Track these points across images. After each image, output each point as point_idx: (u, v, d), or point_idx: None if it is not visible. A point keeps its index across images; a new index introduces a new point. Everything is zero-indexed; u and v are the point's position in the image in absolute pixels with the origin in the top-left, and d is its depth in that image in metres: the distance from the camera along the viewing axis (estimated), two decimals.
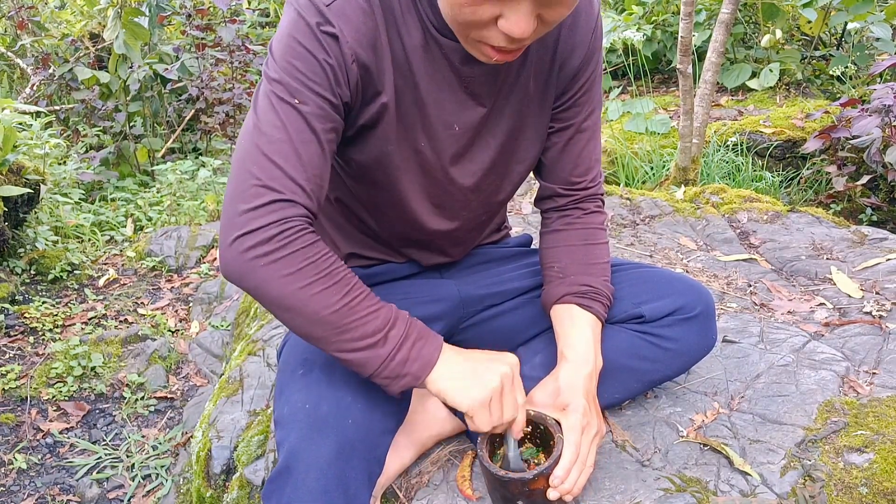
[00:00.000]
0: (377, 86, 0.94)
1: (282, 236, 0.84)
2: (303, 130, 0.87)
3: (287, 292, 0.85)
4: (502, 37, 0.83)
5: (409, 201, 1.07)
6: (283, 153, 0.86)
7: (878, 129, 2.68)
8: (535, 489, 0.96)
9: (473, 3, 0.80)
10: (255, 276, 0.85)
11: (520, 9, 0.80)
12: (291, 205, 0.85)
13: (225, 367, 2.04)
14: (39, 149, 2.94)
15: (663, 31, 4.28)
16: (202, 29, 4.02)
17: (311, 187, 0.87)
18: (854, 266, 1.89)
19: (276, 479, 0.92)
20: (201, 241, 3.13)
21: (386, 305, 0.91)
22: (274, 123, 0.87)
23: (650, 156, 3.40)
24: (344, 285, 0.87)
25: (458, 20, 0.85)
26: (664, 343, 1.15)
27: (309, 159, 0.87)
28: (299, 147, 0.86)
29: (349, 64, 0.89)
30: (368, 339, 0.88)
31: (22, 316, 2.49)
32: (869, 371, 1.36)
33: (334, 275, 0.86)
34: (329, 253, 0.88)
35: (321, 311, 0.85)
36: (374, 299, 0.90)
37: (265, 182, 0.85)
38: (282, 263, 0.84)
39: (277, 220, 0.84)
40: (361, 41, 0.90)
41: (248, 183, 0.85)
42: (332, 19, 0.87)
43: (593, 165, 1.16)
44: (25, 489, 1.84)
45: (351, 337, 0.87)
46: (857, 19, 3.74)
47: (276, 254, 0.84)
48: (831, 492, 1.08)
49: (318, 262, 0.85)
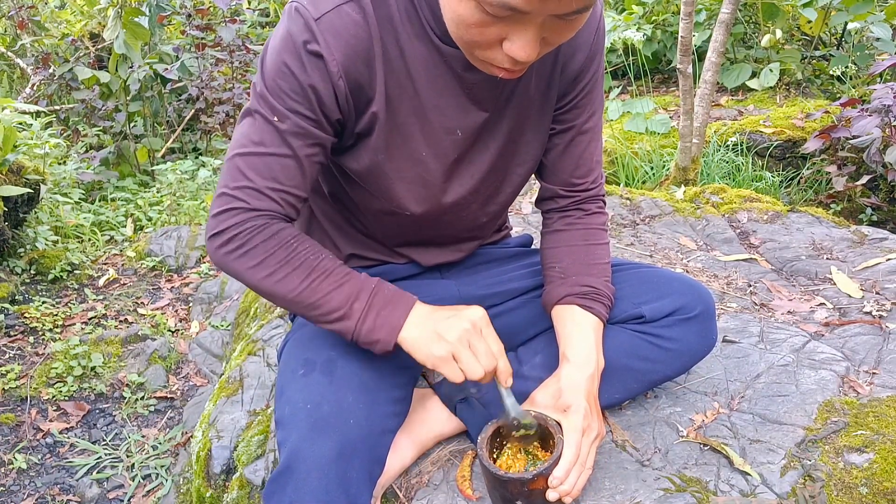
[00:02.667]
0: (369, 96, 0.96)
1: (241, 235, 0.94)
2: (280, 146, 0.94)
3: (256, 281, 0.96)
4: (507, 59, 0.84)
5: (404, 209, 1.08)
6: (255, 166, 0.94)
7: (877, 129, 2.68)
8: (535, 489, 0.97)
9: (480, 24, 0.80)
10: (229, 269, 0.97)
11: (525, 34, 0.80)
12: (253, 211, 0.94)
13: (225, 367, 2.04)
14: (39, 149, 2.94)
15: (663, 31, 4.28)
16: (202, 29, 4.01)
17: (280, 197, 0.95)
18: (854, 266, 1.89)
19: (278, 480, 0.93)
20: (201, 241, 3.13)
21: (352, 279, 0.97)
22: (252, 138, 0.95)
23: (650, 156, 3.40)
24: (305, 268, 0.95)
25: (464, 39, 0.85)
26: (664, 343, 1.15)
27: (282, 172, 0.95)
28: (272, 161, 0.94)
29: (336, 81, 0.92)
30: (335, 313, 0.95)
31: (22, 316, 2.49)
32: (869, 371, 1.36)
33: (295, 260, 0.95)
34: (293, 240, 0.95)
35: (288, 295, 0.95)
36: (340, 275, 0.96)
37: (231, 192, 0.95)
38: (245, 258, 0.95)
39: (236, 222, 0.94)
40: (351, 55, 0.92)
41: (220, 191, 0.96)
42: (319, 36, 0.89)
43: (594, 167, 1.16)
44: (25, 489, 1.84)
45: (320, 313, 0.96)
46: (857, 19, 3.74)
47: (238, 251, 0.94)
48: (831, 492, 1.08)
49: (277, 252, 0.94)
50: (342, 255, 1.21)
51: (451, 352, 0.93)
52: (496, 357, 0.96)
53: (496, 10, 0.77)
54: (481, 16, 0.79)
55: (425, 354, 0.94)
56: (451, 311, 0.97)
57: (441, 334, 0.94)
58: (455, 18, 0.82)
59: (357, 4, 0.91)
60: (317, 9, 0.90)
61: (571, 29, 0.83)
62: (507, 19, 0.78)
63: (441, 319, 0.96)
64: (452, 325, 0.94)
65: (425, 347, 0.94)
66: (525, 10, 0.75)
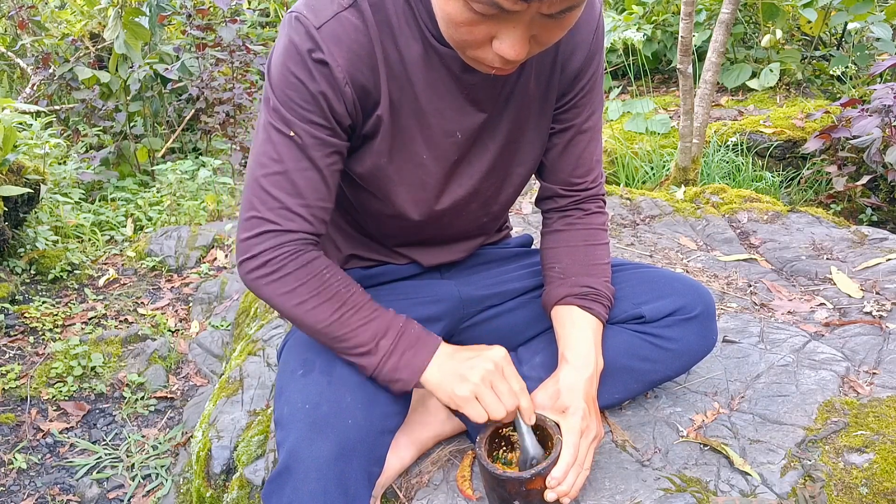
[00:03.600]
0: (375, 100, 0.96)
1: (275, 261, 0.94)
2: (300, 160, 0.94)
3: (286, 308, 0.96)
4: (497, 57, 0.84)
5: (405, 212, 1.08)
6: (280, 185, 0.94)
7: (878, 129, 2.68)
8: (533, 489, 0.97)
9: (469, 23, 0.80)
10: (261, 293, 0.97)
11: (514, 32, 0.80)
12: (285, 233, 0.94)
13: (225, 367, 2.04)
14: (39, 149, 2.94)
15: (663, 31, 4.28)
16: (202, 29, 4.01)
17: (309, 213, 0.95)
18: (854, 266, 1.89)
19: (276, 480, 0.93)
20: (201, 240, 3.13)
21: (381, 316, 0.97)
22: (271, 156, 0.94)
23: (650, 156, 3.39)
24: (336, 301, 0.96)
25: (454, 38, 0.85)
26: (664, 343, 1.15)
27: (307, 186, 0.94)
28: (295, 176, 0.93)
29: (343, 87, 0.92)
30: (361, 348, 0.96)
31: (22, 316, 2.49)
32: (869, 371, 1.36)
33: (327, 292, 0.96)
34: (325, 270, 0.95)
35: (316, 325, 0.96)
36: (369, 311, 0.97)
37: (261, 213, 0.94)
38: (278, 284, 0.95)
39: (270, 247, 0.94)
40: (354, 61, 0.92)
41: (248, 213, 0.95)
42: (322, 45, 0.89)
43: (594, 166, 1.16)
44: (25, 489, 1.84)
45: (345, 346, 0.97)
46: (857, 19, 3.74)
47: (271, 276, 0.94)
48: (831, 492, 1.08)
49: (309, 281, 0.95)
50: (342, 255, 1.21)
51: (474, 392, 0.95)
52: (518, 396, 0.98)
53: (483, 8, 0.77)
54: (470, 15, 0.79)
55: (448, 395, 0.96)
56: (473, 351, 0.99)
57: (464, 375, 0.95)
58: (445, 18, 0.82)
59: (356, 10, 0.91)
60: (317, 17, 0.90)
61: (561, 28, 0.82)
62: (495, 18, 0.78)
63: (463, 360, 0.97)
64: (475, 365, 0.96)
65: (448, 388, 0.96)
66: (511, 8, 0.75)
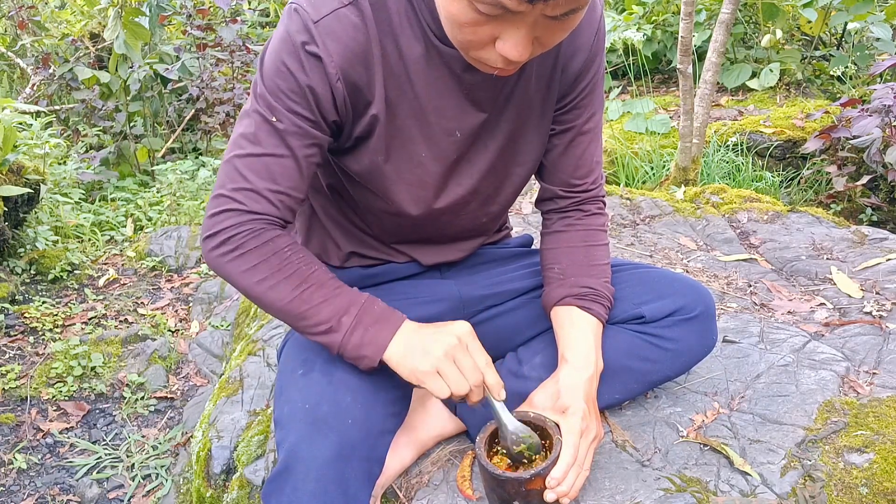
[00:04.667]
0: (368, 99, 0.96)
1: (236, 238, 0.94)
2: (277, 146, 0.94)
3: (247, 285, 0.95)
4: (500, 58, 0.84)
5: (405, 209, 1.08)
6: (253, 167, 0.94)
7: (878, 129, 2.68)
8: (532, 489, 0.97)
9: (473, 23, 0.80)
10: (222, 271, 0.96)
11: (517, 33, 0.80)
12: (248, 213, 0.94)
13: (225, 367, 2.04)
14: (39, 149, 2.94)
15: (663, 31, 4.28)
16: (203, 29, 4.01)
17: (277, 199, 0.94)
18: (854, 266, 1.89)
19: (276, 480, 0.93)
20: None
21: (342, 293, 0.96)
22: (250, 139, 0.94)
23: (650, 156, 3.39)
24: (296, 277, 0.95)
25: (457, 38, 0.85)
26: (664, 343, 1.15)
27: (280, 172, 0.94)
28: (270, 161, 0.94)
29: (334, 83, 0.92)
30: (323, 325, 0.95)
31: (22, 316, 2.49)
32: (869, 371, 1.36)
33: (287, 269, 0.94)
34: (286, 248, 0.95)
35: (276, 303, 0.95)
36: (331, 288, 0.96)
37: (228, 193, 0.94)
38: (239, 261, 0.94)
39: (232, 224, 0.93)
40: (349, 58, 0.92)
41: (216, 192, 0.95)
42: (318, 38, 0.89)
43: (594, 167, 1.16)
44: (25, 489, 1.84)
45: (307, 324, 0.95)
46: (857, 19, 3.74)
47: (232, 253, 0.94)
48: (831, 492, 1.08)
49: (270, 259, 0.94)
50: (343, 253, 1.21)
51: (435, 367, 0.93)
52: (482, 371, 0.96)
53: (487, 8, 0.77)
54: (473, 15, 0.79)
55: (410, 370, 0.94)
56: (436, 327, 0.97)
57: (426, 350, 0.94)
58: (448, 18, 0.83)
59: (356, 7, 0.91)
60: (316, 11, 0.90)
61: (564, 30, 0.83)
62: (498, 18, 0.79)
63: (426, 336, 0.95)
64: (437, 339, 0.94)
65: (409, 363, 0.94)
66: (516, 9, 0.75)
